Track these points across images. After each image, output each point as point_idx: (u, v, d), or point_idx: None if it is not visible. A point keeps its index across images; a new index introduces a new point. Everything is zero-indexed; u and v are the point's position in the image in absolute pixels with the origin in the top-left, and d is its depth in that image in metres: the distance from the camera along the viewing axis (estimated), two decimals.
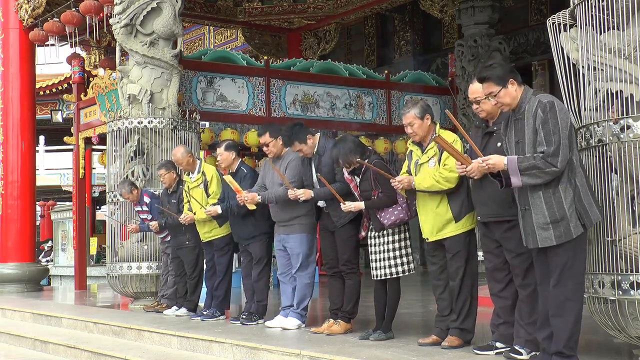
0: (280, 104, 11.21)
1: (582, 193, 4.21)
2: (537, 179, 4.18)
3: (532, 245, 4.32)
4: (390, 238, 5.66)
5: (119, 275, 9.36)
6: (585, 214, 4.19)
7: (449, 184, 5.09)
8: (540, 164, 4.15)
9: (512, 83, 4.36)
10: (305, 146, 6.21)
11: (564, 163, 4.15)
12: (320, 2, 14.26)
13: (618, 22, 4.27)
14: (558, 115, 4.18)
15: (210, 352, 6.17)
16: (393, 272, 5.65)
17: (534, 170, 4.17)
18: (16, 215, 12.89)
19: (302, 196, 6.17)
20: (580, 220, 4.19)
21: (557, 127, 4.16)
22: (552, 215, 4.20)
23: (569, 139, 4.18)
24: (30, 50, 13.23)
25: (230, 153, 7.24)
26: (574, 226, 4.18)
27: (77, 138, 12.34)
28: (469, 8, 12.04)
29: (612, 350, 4.94)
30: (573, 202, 4.19)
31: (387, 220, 5.56)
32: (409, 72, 12.64)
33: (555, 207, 4.20)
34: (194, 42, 18.05)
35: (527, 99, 4.34)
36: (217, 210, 7.18)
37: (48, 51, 13.75)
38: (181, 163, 7.82)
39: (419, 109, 5.29)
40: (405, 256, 5.66)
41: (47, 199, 24.38)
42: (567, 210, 4.18)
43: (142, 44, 9.31)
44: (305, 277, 6.57)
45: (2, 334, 9.05)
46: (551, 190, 4.21)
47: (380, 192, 5.58)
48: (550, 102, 4.23)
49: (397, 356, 4.94)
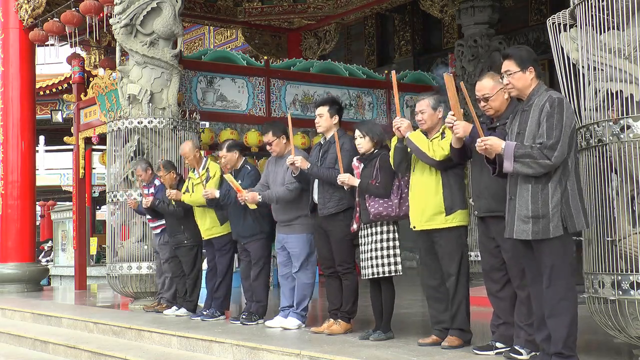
0: (280, 104, 11.22)
1: (570, 197, 4.19)
2: (528, 169, 4.18)
3: (508, 235, 4.34)
4: (378, 237, 5.66)
5: (119, 275, 9.36)
6: (569, 217, 4.18)
7: (436, 155, 5.08)
8: (535, 154, 4.15)
9: (530, 71, 4.35)
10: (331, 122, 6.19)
11: (559, 159, 4.14)
12: (320, 2, 14.26)
13: (618, 22, 4.27)
14: (565, 112, 4.18)
15: (210, 352, 6.17)
16: (380, 272, 5.64)
17: (527, 158, 4.16)
18: (16, 215, 12.89)
19: (299, 162, 6.13)
20: (563, 223, 4.17)
21: (560, 123, 4.15)
22: (534, 210, 4.21)
23: (570, 139, 4.18)
24: (30, 50, 13.22)
25: (234, 153, 7.24)
26: (554, 226, 4.17)
27: (77, 138, 12.34)
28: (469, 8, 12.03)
29: (612, 350, 4.94)
30: (559, 203, 4.18)
31: (373, 208, 5.55)
32: (409, 72, 12.65)
33: (540, 202, 4.20)
34: (194, 42, 18.05)
35: (539, 92, 4.33)
36: (215, 193, 7.16)
37: (48, 51, 13.75)
38: (188, 156, 7.79)
39: (434, 100, 5.31)
40: (393, 256, 5.65)
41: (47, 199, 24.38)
42: (550, 209, 4.18)
43: (142, 44, 9.31)
44: (305, 277, 6.57)
45: (2, 334, 9.05)
46: (540, 186, 4.21)
47: (378, 182, 5.59)
48: (560, 98, 4.23)
49: (397, 356, 4.94)
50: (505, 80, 4.44)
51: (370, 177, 5.65)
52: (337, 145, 5.90)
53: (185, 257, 8.04)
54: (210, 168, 7.66)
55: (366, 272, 5.73)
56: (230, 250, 7.57)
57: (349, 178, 5.75)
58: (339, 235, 6.07)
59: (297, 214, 6.51)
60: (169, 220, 8.16)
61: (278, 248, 6.75)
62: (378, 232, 5.68)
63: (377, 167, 5.61)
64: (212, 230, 7.54)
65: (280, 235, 6.70)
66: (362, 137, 5.78)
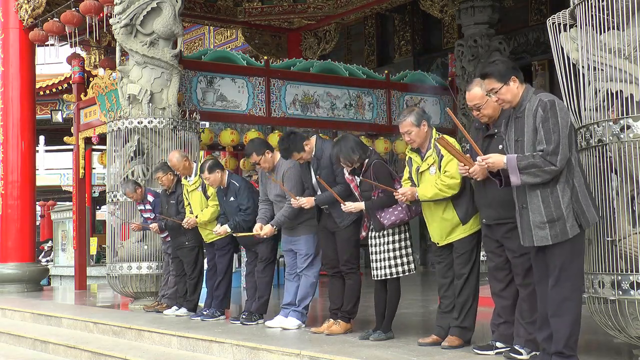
0: (280, 104, 11.21)
1: (579, 193, 4.20)
2: (536, 178, 4.18)
3: (528, 243, 4.32)
4: (391, 238, 5.66)
5: (119, 275, 9.36)
6: (582, 214, 4.19)
7: (452, 190, 5.09)
8: (539, 163, 4.14)
9: (513, 80, 4.36)
10: (304, 153, 6.20)
11: (563, 162, 4.15)
12: (320, 2, 14.26)
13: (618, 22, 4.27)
14: (558, 114, 4.18)
15: (210, 352, 6.17)
16: (393, 272, 5.66)
17: (533, 168, 4.16)
18: (16, 215, 12.89)
19: (306, 205, 6.20)
20: (577, 221, 4.19)
21: (557, 126, 4.15)
22: (549, 215, 4.20)
23: (569, 139, 4.18)
24: (30, 50, 13.22)
25: (216, 174, 7.18)
26: (571, 226, 4.18)
27: (77, 138, 12.34)
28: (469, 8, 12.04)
29: (612, 350, 4.94)
30: (570, 202, 4.19)
31: (387, 220, 5.56)
32: (409, 72, 12.64)
33: (552, 206, 4.20)
34: (194, 42, 18.05)
35: (528, 97, 4.33)
36: (227, 229, 7.17)
37: (48, 51, 13.74)
38: (178, 168, 7.85)
39: (415, 117, 5.28)
40: (406, 256, 5.66)
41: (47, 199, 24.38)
42: (564, 210, 4.18)
43: (142, 44, 9.31)
44: (311, 276, 6.60)
45: (2, 334, 9.05)
46: (549, 190, 4.21)
47: (380, 192, 5.58)
48: (551, 100, 4.23)
49: (397, 356, 4.94)
50: (494, 98, 4.45)
51: (370, 189, 5.64)
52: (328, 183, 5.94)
53: (187, 257, 8.04)
54: None
55: (379, 272, 5.70)
56: (230, 250, 7.59)
57: (355, 207, 5.73)
58: (344, 236, 6.08)
59: (300, 220, 6.55)
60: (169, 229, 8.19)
61: (285, 250, 6.77)
62: (390, 234, 5.67)
63: (374, 178, 5.58)
64: (213, 234, 7.54)
65: (287, 237, 6.73)
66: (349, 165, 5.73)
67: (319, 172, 6.15)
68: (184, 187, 7.90)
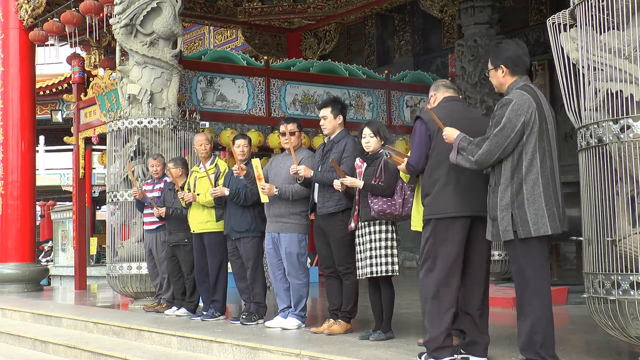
0: (280, 104, 11.21)
1: (526, 201, 4.17)
2: (465, 162, 4.30)
3: None
4: (376, 236, 5.66)
5: (119, 275, 9.36)
6: (523, 222, 4.16)
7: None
8: (468, 149, 4.27)
9: (501, 69, 4.43)
10: (335, 122, 6.26)
11: (482, 158, 4.20)
12: (320, 2, 14.26)
13: (618, 22, 4.27)
14: (508, 114, 4.20)
15: (210, 352, 6.17)
16: (376, 271, 5.64)
17: (464, 152, 4.29)
18: (16, 215, 12.89)
19: (302, 171, 6.16)
20: (513, 227, 4.18)
21: (499, 124, 4.20)
22: (491, 212, 4.32)
23: (509, 141, 4.17)
24: (30, 50, 13.22)
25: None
26: (503, 230, 4.21)
27: (77, 138, 12.35)
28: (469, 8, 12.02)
29: (612, 350, 4.94)
30: (509, 206, 4.20)
31: (376, 205, 5.54)
32: (409, 72, 12.65)
33: (491, 205, 4.31)
34: (194, 42, 18.05)
35: (512, 89, 4.39)
36: (224, 191, 7.13)
37: (48, 51, 13.76)
38: (205, 145, 7.70)
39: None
40: (390, 256, 5.65)
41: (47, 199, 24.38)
42: (498, 213, 4.23)
43: (142, 44, 9.31)
44: (299, 278, 6.53)
45: (2, 334, 9.04)
46: (491, 189, 4.32)
47: (381, 181, 5.59)
48: (509, 99, 4.27)
49: (397, 356, 4.94)
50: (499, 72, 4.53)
51: (373, 175, 5.65)
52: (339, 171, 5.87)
53: (185, 257, 8.00)
54: (219, 164, 7.67)
55: (363, 271, 5.73)
56: (221, 252, 7.49)
57: (352, 181, 5.74)
58: (338, 236, 6.06)
59: (290, 211, 6.49)
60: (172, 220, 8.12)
61: (268, 247, 6.69)
62: (376, 232, 5.68)
63: (381, 166, 5.60)
64: (206, 225, 7.49)
65: (272, 233, 6.63)
66: (373, 136, 5.78)
67: (330, 154, 6.13)
68: (192, 174, 7.83)
